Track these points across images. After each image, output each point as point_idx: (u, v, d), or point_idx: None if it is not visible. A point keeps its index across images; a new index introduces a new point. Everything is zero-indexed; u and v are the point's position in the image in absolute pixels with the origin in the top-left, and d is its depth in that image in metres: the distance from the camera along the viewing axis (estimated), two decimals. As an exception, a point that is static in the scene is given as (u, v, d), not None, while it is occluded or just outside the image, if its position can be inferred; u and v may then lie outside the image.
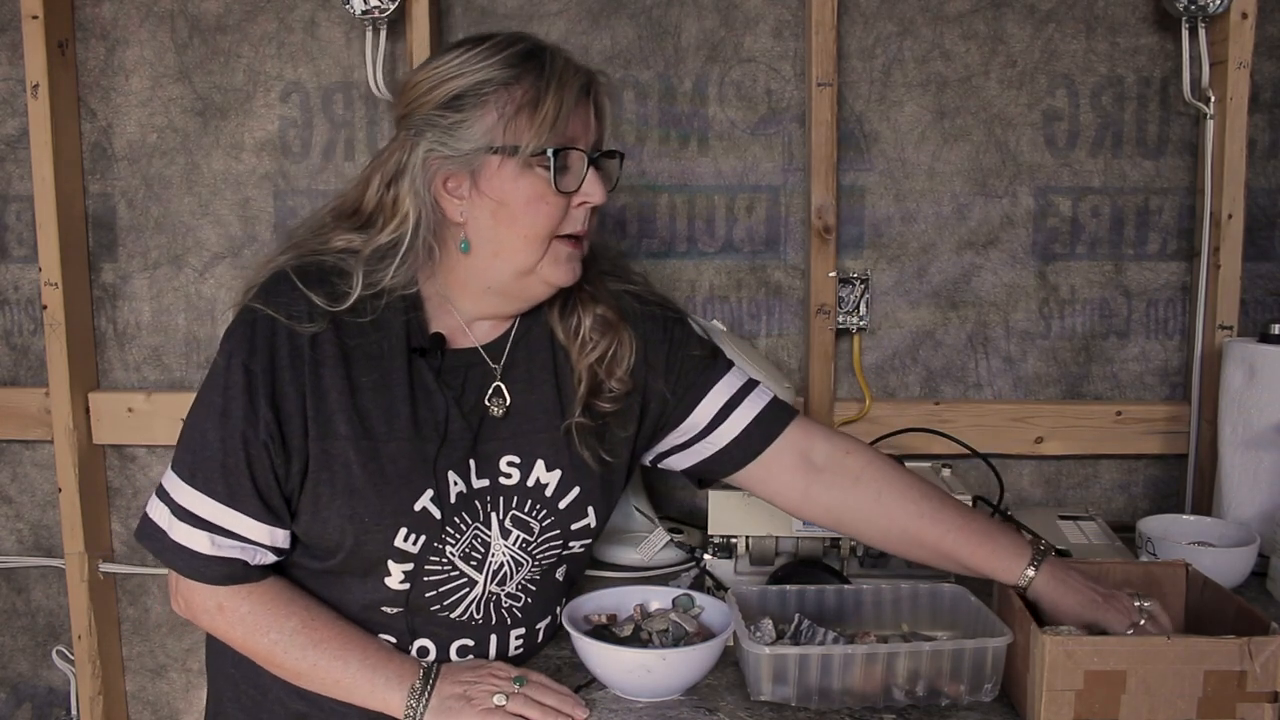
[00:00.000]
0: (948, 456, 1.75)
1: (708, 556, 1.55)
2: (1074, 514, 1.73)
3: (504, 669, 1.16)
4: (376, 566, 1.14)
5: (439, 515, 1.14)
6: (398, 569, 1.14)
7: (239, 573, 1.11)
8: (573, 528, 1.22)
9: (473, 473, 1.17)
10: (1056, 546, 1.50)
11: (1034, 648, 1.09)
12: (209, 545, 1.10)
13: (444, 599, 1.17)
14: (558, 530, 1.21)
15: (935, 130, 1.82)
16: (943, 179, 1.83)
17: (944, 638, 1.26)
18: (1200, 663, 1.06)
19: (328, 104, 1.84)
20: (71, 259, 1.82)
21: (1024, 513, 1.72)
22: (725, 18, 1.81)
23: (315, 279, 1.13)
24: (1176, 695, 1.06)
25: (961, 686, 1.15)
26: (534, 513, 1.20)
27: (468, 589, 1.18)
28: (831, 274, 1.79)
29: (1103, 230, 1.84)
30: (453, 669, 1.15)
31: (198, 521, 1.09)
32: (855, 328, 1.83)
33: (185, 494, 1.10)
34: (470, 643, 1.20)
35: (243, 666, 1.19)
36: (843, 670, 1.14)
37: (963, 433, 1.78)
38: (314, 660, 1.12)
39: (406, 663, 1.14)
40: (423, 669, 1.13)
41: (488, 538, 1.18)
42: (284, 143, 1.85)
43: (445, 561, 1.16)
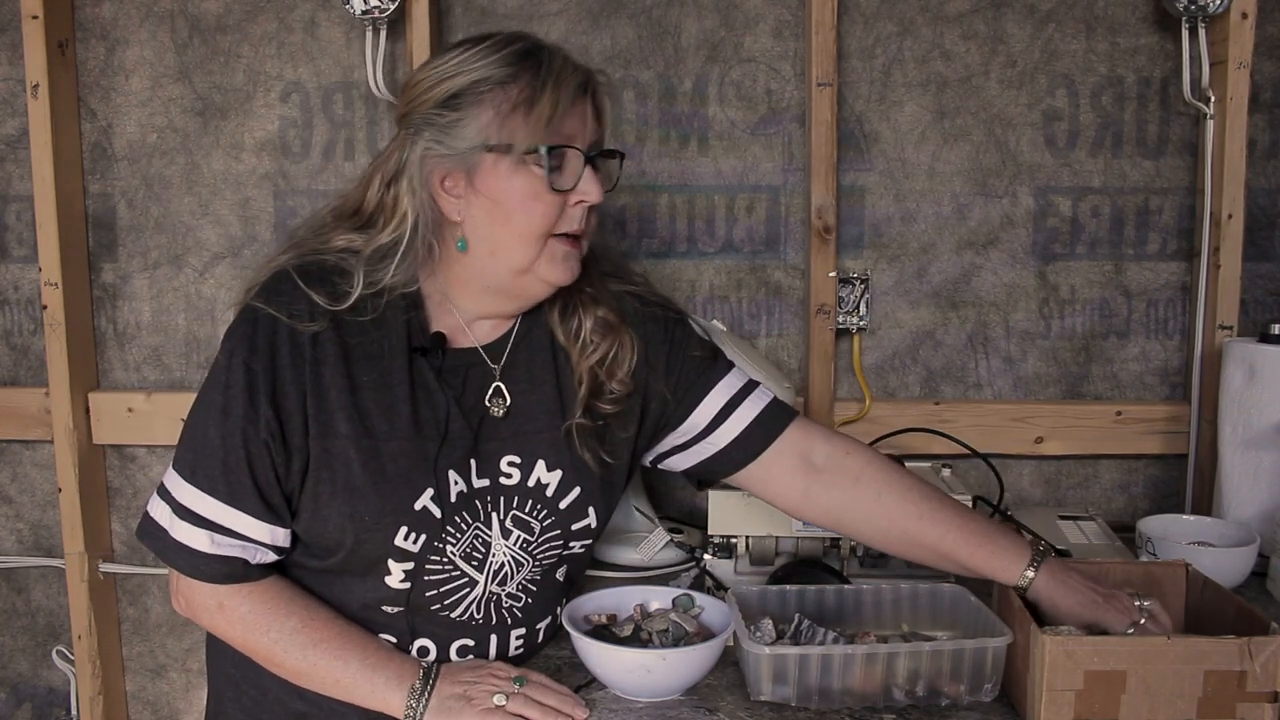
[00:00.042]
0: (948, 456, 1.75)
1: (708, 556, 1.55)
2: (1074, 514, 1.72)
3: (504, 669, 1.16)
4: (376, 565, 1.14)
5: (439, 514, 1.14)
6: (398, 568, 1.14)
7: (239, 571, 1.11)
8: (573, 528, 1.22)
9: (473, 472, 1.17)
10: (1056, 546, 1.50)
11: (1034, 648, 1.09)
12: (209, 544, 1.10)
13: (444, 598, 1.17)
14: (558, 530, 1.21)
15: (935, 130, 1.82)
16: (943, 179, 1.83)
17: (944, 638, 1.26)
18: (1200, 663, 1.06)
19: (328, 104, 1.84)
20: (71, 259, 1.82)
21: (1024, 513, 1.72)
22: (725, 18, 1.81)
23: (316, 278, 1.13)
24: (1176, 695, 1.06)
25: (961, 686, 1.15)
26: (534, 513, 1.20)
27: (468, 589, 1.18)
28: (831, 274, 1.79)
29: (1103, 230, 1.84)
30: (453, 669, 1.15)
31: (198, 520, 1.09)
32: (855, 328, 1.83)
33: (186, 492, 1.10)
34: (470, 643, 1.20)
35: (243, 666, 1.19)
36: (843, 670, 1.14)
37: (963, 433, 1.78)
38: (314, 660, 1.12)
39: (406, 663, 1.14)
40: (422, 669, 1.13)
41: (488, 537, 1.18)
42: (284, 143, 1.85)
43: (446, 561, 1.16)
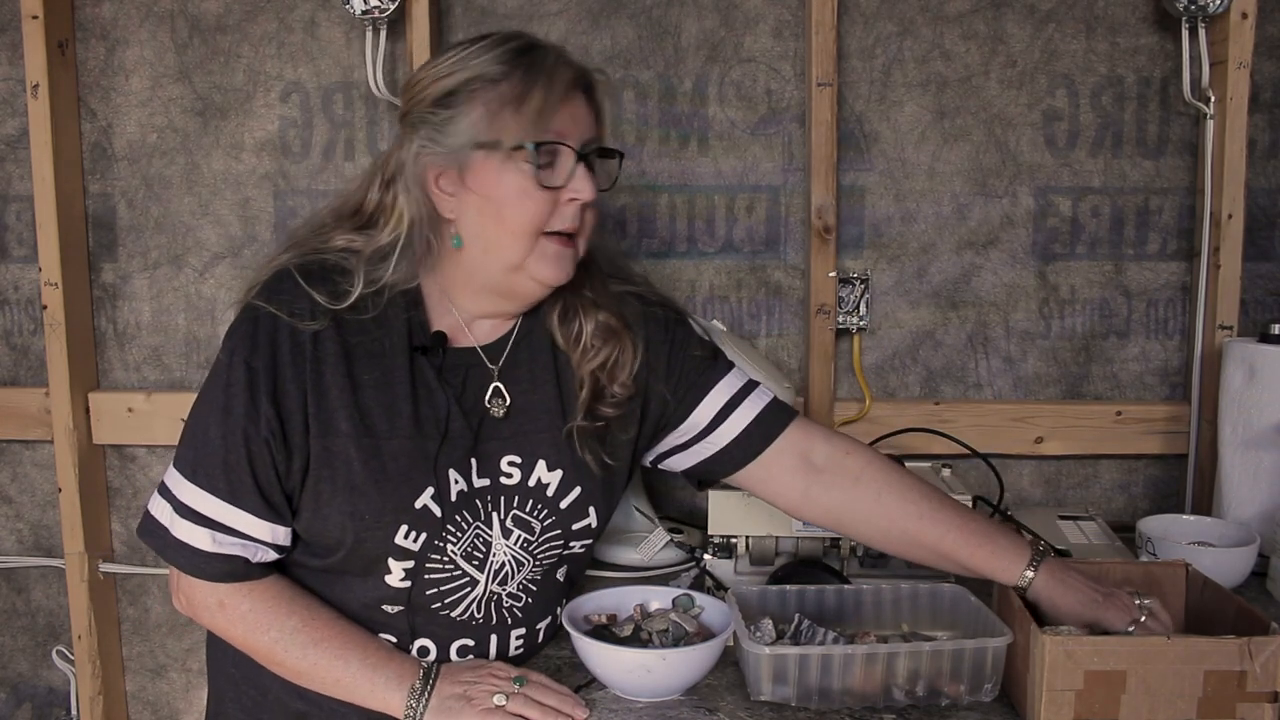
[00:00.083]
0: (948, 456, 1.75)
1: (708, 556, 1.55)
2: (1074, 514, 1.72)
3: (504, 669, 1.16)
4: (377, 564, 1.14)
5: (439, 513, 1.14)
6: (398, 566, 1.14)
7: (240, 570, 1.11)
8: (574, 528, 1.22)
9: (474, 471, 1.17)
10: (1056, 546, 1.50)
11: (1034, 648, 1.08)
12: (210, 542, 1.10)
13: (445, 597, 1.17)
14: (559, 530, 1.21)
15: (935, 130, 1.82)
16: (943, 179, 1.83)
17: (944, 638, 1.26)
18: (1200, 663, 1.06)
19: (328, 104, 1.84)
20: (71, 259, 1.82)
21: (1024, 513, 1.72)
22: (725, 18, 1.81)
23: (317, 277, 1.14)
24: (1176, 695, 1.06)
25: (961, 686, 1.15)
26: (535, 512, 1.20)
27: (469, 588, 1.18)
28: (831, 274, 1.79)
29: (1103, 230, 1.84)
30: (453, 669, 1.15)
31: (199, 518, 1.09)
32: (855, 328, 1.83)
33: (187, 491, 1.10)
34: (470, 642, 1.20)
35: (243, 666, 1.19)
36: (843, 670, 1.14)
37: (963, 433, 1.78)
38: (314, 659, 1.12)
39: (407, 662, 1.14)
40: (423, 669, 1.13)
41: (489, 537, 1.18)
42: (284, 143, 1.85)
43: (447, 560, 1.16)
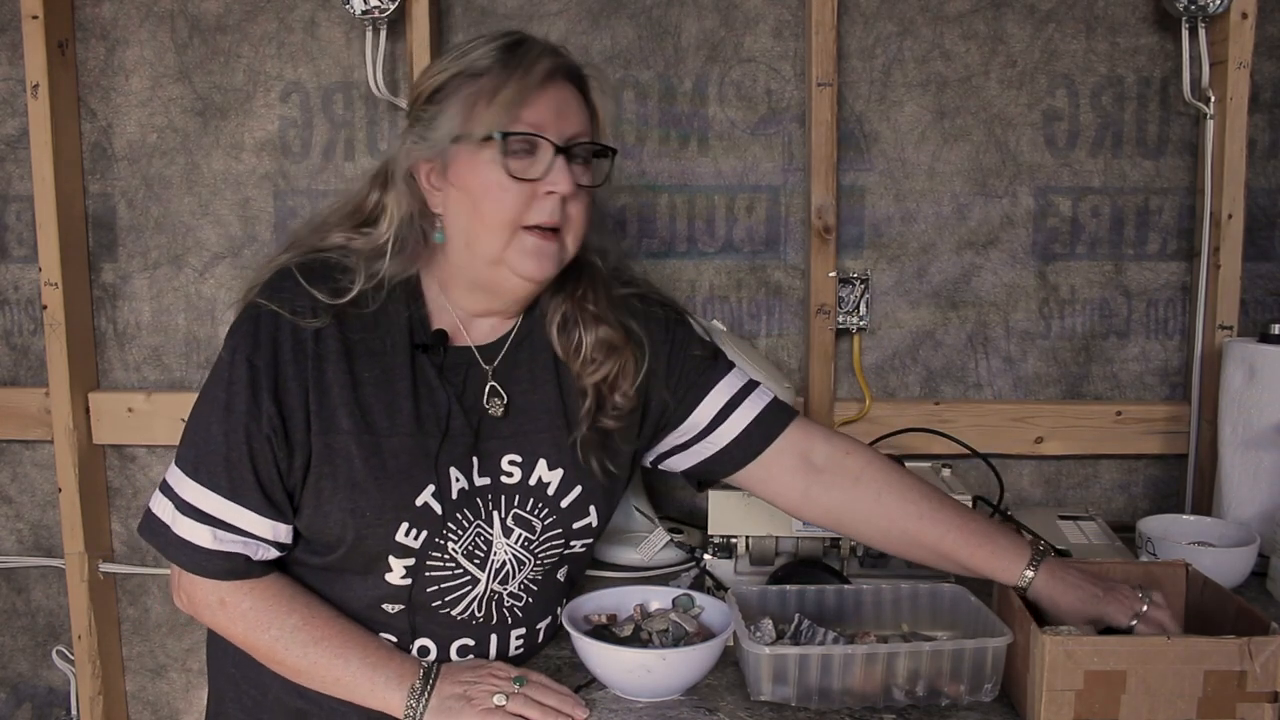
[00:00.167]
0: (948, 456, 1.75)
1: (708, 556, 1.55)
2: (1074, 514, 1.72)
3: (504, 669, 1.16)
4: (377, 562, 1.14)
5: (440, 511, 1.14)
6: (399, 564, 1.14)
7: (241, 568, 1.12)
8: (574, 527, 1.22)
9: (475, 470, 1.17)
10: (1056, 546, 1.50)
11: (1034, 648, 1.08)
12: (211, 540, 1.10)
13: (445, 595, 1.17)
14: (559, 529, 1.21)
15: (935, 130, 1.82)
16: (943, 179, 1.83)
17: (944, 638, 1.26)
18: (1200, 663, 1.06)
19: (328, 104, 1.84)
20: (71, 259, 1.82)
21: (1024, 513, 1.72)
22: (725, 18, 1.81)
23: (318, 275, 1.14)
24: (1176, 695, 1.06)
25: (961, 686, 1.15)
26: (536, 511, 1.20)
27: (470, 586, 1.18)
28: (831, 274, 1.78)
29: (1103, 230, 1.84)
30: (453, 669, 1.15)
31: (201, 516, 1.10)
32: (855, 328, 1.83)
33: (188, 488, 1.10)
34: (471, 642, 1.20)
35: (243, 666, 1.19)
36: (843, 670, 1.14)
37: (963, 433, 1.78)
38: (314, 658, 1.12)
39: (407, 662, 1.14)
40: (423, 668, 1.13)
41: (490, 535, 1.18)
42: (284, 143, 1.85)
43: (448, 558, 1.16)
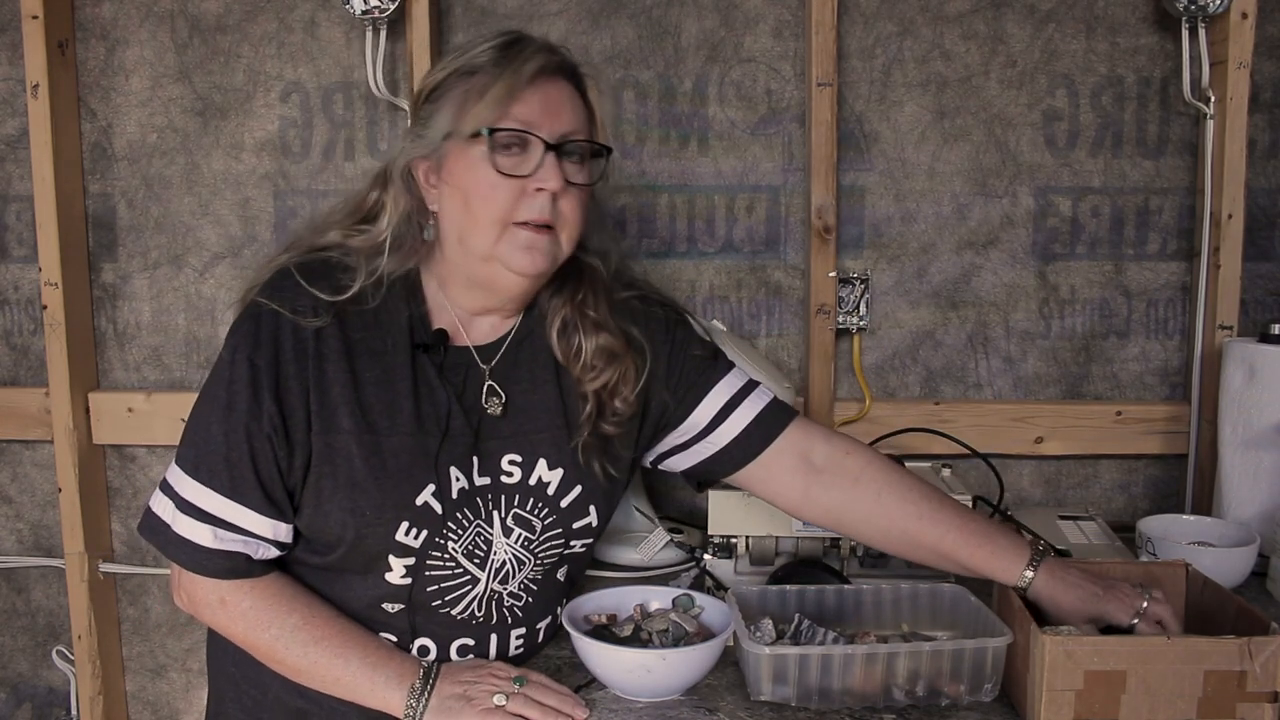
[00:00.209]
0: (948, 456, 1.75)
1: (708, 556, 1.55)
2: (1074, 514, 1.72)
3: (504, 669, 1.16)
4: (377, 561, 1.14)
5: (440, 510, 1.14)
6: (399, 563, 1.14)
7: (241, 567, 1.12)
8: (574, 526, 1.22)
9: (475, 469, 1.17)
10: (1056, 546, 1.50)
11: (1034, 648, 1.08)
12: (212, 538, 1.10)
13: (445, 594, 1.17)
14: (559, 529, 1.21)
15: (935, 130, 1.82)
16: (943, 179, 1.83)
17: (944, 638, 1.26)
18: (1200, 663, 1.06)
19: (328, 104, 1.84)
20: (71, 259, 1.82)
21: (1024, 513, 1.72)
22: (725, 18, 1.81)
23: (319, 274, 1.14)
24: (1176, 695, 1.06)
25: (961, 686, 1.15)
26: (536, 511, 1.20)
27: (470, 586, 1.18)
28: (831, 274, 1.78)
29: (1103, 230, 1.84)
30: (453, 669, 1.15)
31: (201, 515, 1.10)
32: (855, 328, 1.83)
33: (189, 487, 1.10)
34: (471, 642, 1.20)
35: (244, 665, 1.19)
36: (843, 670, 1.14)
37: (963, 433, 1.78)
38: (314, 657, 1.12)
39: (407, 662, 1.14)
40: (423, 668, 1.13)
41: (490, 535, 1.18)
42: (284, 143, 1.85)
43: (448, 558, 1.16)
